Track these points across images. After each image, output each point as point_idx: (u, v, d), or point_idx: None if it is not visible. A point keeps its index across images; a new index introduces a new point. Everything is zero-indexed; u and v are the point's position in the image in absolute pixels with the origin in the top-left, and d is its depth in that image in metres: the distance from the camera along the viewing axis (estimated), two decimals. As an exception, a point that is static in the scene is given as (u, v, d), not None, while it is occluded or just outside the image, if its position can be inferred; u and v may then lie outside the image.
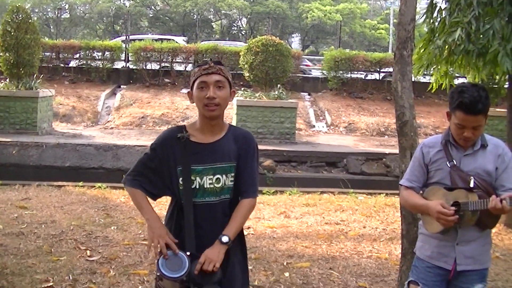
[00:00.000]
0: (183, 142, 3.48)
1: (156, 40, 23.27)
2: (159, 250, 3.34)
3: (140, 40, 23.69)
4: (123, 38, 25.91)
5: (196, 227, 3.42)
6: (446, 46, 6.60)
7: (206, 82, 3.42)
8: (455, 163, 3.71)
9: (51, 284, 6.06)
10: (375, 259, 7.34)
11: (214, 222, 3.47)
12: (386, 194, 11.56)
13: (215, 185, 3.46)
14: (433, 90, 7.10)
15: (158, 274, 3.32)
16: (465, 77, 8.27)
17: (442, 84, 6.95)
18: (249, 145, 3.57)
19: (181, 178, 3.45)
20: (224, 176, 3.48)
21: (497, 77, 8.35)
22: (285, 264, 7.02)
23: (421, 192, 3.87)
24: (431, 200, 3.74)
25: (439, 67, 6.86)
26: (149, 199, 3.58)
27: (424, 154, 3.85)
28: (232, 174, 3.50)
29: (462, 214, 3.61)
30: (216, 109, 3.43)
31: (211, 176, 3.46)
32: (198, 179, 3.44)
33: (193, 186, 3.44)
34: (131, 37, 25.88)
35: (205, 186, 3.45)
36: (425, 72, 7.16)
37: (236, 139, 3.55)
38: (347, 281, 6.50)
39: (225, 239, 3.38)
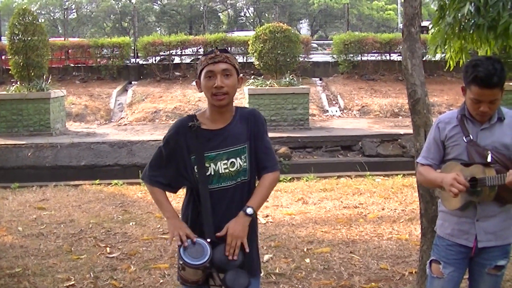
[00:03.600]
0: (195, 130, 3.46)
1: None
2: (180, 240, 3.34)
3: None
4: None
5: (213, 213, 3.42)
6: (457, 22, 6.51)
7: (213, 71, 3.40)
8: (471, 138, 3.65)
9: (73, 282, 6.09)
10: (396, 241, 7.32)
11: (230, 206, 3.47)
12: (403, 174, 11.49)
13: (230, 169, 3.46)
14: (451, 69, 7.00)
15: (181, 262, 3.33)
16: (477, 52, 8.13)
17: (459, 61, 6.85)
18: (258, 122, 3.57)
19: (195, 166, 3.44)
20: (238, 158, 3.48)
21: (511, 50, 8.21)
22: (305, 250, 7.01)
23: (438, 170, 3.82)
24: None
25: (452, 44, 6.77)
26: (169, 193, 3.61)
27: (440, 131, 3.79)
28: (245, 155, 3.50)
29: (480, 190, 3.56)
30: (225, 98, 3.42)
31: (225, 161, 3.45)
32: (212, 165, 3.44)
33: (208, 173, 3.44)
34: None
35: (220, 172, 3.45)
36: (439, 51, 7.05)
37: (244, 119, 3.55)
38: (368, 264, 6.49)
39: (249, 210, 3.39)
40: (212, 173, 3.45)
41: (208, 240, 3.35)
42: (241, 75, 3.57)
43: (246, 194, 3.53)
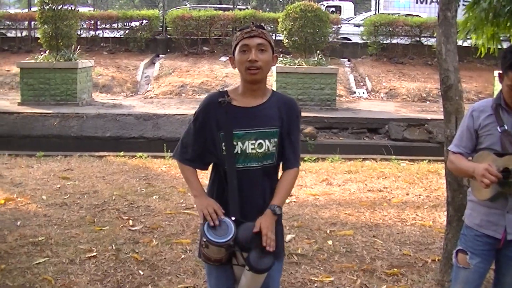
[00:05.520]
0: (225, 106, 3.42)
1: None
2: (209, 220, 3.32)
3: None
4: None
5: (238, 192, 3.39)
6: (492, 8, 6.40)
7: (248, 45, 3.35)
8: (506, 128, 3.58)
9: (95, 253, 6.13)
10: (419, 227, 7.27)
11: (254, 187, 3.45)
12: (429, 160, 11.38)
13: (258, 150, 3.41)
14: (482, 55, 6.89)
15: (204, 240, 3.29)
16: (510, 40, 8.01)
17: (489, 48, 6.74)
18: (293, 112, 3.52)
19: (223, 143, 3.40)
20: (266, 141, 3.42)
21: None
22: (328, 232, 6.99)
23: (470, 158, 3.76)
24: None
25: (484, 30, 6.66)
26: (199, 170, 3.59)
27: (473, 119, 3.72)
28: (275, 140, 3.44)
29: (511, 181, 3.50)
30: (258, 73, 3.36)
31: (253, 141, 3.40)
32: (240, 144, 3.40)
33: (234, 151, 3.39)
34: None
35: (247, 151, 3.40)
36: (468, 37, 6.95)
37: (280, 105, 3.49)
38: (391, 249, 6.45)
39: (278, 210, 3.41)
40: (239, 152, 3.40)
41: (233, 218, 3.33)
42: (275, 54, 3.50)
43: (270, 177, 3.51)
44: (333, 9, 29.27)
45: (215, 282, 3.56)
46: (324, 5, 30.79)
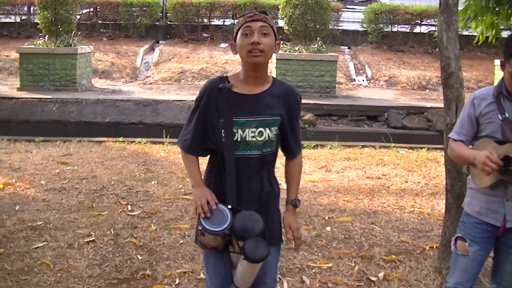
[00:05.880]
0: (225, 93, 3.37)
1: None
2: (200, 209, 3.28)
3: None
4: None
5: (235, 180, 3.37)
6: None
7: (250, 28, 3.29)
8: (507, 115, 3.57)
9: (93, 238, 6.15)
10: (418, 214, 7.29)
11: (252, 175, 3.42)
12: (428, 148, 11.40)
13: (258, 138, 3.38)
14: (479, 43, 6.87)
15: (200, 228, 3.27)
16: (510, 29, 8.00)
17: (488, 36, 6.73)
18: (295, 101, 3.50)
19: (223, 130, 3.36)
20: (267, 129, 3.38)
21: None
22: (326, 218, 7.01)
23: (470, 146, 3.75)
24: None
25: (484, 18, 6.65)
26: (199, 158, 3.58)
27: (475, 107, 3.71)
28: (276, 128, 3.41)
29: (512, 169, 3.49)
30: (261, 56, 3.29)
31: (254, 129, 3.36)
32: (240, 131, 3.35)
33: (234, 139, 3.35)
34: None
35: (247, 139, 3.37)
36: (468, 25, 6.95)
37: (281, 93, 3.45)
38: (389, 236, 6.47)
39: (298, 203, 3.59)
40: (239, 140, 3.36)
41: (230, 206, 3.30)
42: (278, 41, 3.46)
43: (269, 165, 3.50)
44: None
45: (212, 268, 3.56)
46: None
